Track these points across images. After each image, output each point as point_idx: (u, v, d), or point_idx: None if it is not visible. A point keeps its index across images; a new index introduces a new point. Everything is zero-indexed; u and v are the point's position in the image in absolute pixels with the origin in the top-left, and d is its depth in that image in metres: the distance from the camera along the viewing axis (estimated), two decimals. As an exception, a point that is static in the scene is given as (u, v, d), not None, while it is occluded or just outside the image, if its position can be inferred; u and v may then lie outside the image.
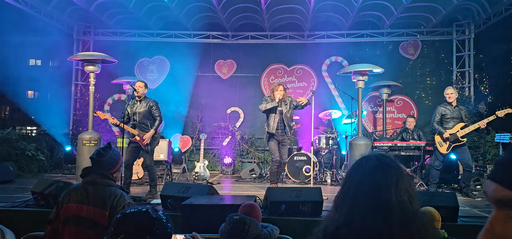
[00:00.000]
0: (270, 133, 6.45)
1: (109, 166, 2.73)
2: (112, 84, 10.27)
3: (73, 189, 2.66)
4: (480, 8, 9.20)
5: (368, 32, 10.61)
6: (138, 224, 1.48)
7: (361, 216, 1.14)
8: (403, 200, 1.14)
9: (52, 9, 9.40)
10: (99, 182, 2.64)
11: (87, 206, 2.53)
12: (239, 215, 2.94)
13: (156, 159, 6.78)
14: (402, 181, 1.18)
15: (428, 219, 1.23)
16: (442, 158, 6.34)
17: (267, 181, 7.97)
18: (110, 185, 2.67)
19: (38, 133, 10.38)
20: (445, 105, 6.34)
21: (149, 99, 6.13)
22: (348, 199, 1.20)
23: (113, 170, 2.76)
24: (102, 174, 2.67)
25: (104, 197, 2.57)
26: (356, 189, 1.21)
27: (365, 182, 1.20)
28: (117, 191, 2.66)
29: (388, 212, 1.12)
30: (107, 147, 2.80)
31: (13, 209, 4.67)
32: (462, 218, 4.41)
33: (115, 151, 2.81)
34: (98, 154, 2.72)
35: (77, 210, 2.53)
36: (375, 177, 1.19)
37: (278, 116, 6.42)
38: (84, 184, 2.65)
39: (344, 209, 1.19)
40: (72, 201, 2.57)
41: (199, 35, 10.95)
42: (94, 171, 2.68)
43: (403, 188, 1.16)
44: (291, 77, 10.86)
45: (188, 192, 4.56)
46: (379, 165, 1.21)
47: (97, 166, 2.69)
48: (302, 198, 4.38)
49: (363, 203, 1.16)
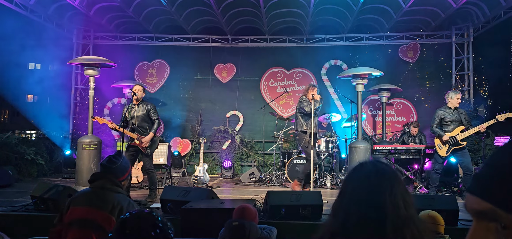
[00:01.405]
0: (311, 133, 6.38)
1: (119, 174, 2.77)
2: (112, 88, 10.28)
3: (81, 194, 2.69)
4: (479, 11, 9.23)
5: (367, 35, 10.63)
6: (145, 222, 1.51)
7: (355, 222, 1.14)
8: (398, 206, 1.14)
9: (52, 13, 9.41)
10: (109, 188, 2.66)
11: (95, 209, 2.53)
12: (238, 220, 2.90)
13: (155, 163, 6.77)
14: (397, 187, 1.17)
15: (425, 226, 1.22)
16: (442, 161, 6.34)
17: (267, 184, 7.97)
18: (118, 192, 2.69)
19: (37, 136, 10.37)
20: (444, 109, 6.36)
21: (147, 103, 6.14)
22: (343, 206, 1.21)
23: (122, 178, 2.79)
24: (111, 180, 2.69)
25: (113, 202, 2.57)
26: (351, 195, 1.21)
27: (359, 188, 1.20)
28: (125, 199, 2.68)
29: (383, 218, 1.12)
30: (117, 155, 2.83)
31: (12, 213, 4.65)
32: (463, 222, 4.40)
33: (125, 159, 2.86)
34: (110, 161, 2.76)
35: (84, 213, 2.53)
36: (369, 183, 1.19)
37: (315, 118, 6.47)
38: (92, 189, 2.67)
39: (340, 216, 1.20)
40: (79, 204, 2.57)
41: (199, 39, 10.96)
42: (104, 177, 2.70)
43: (398, 194, 1.16)
44: (290, 81, 10.87)
45: (187, 196, 4.55)
46: (374, 171, 1.21)
47: (108, 172, 2.71)
48: (302, 201, 4.38)
49: (357, 209, 1.15)
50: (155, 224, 1.51)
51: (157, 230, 1.49)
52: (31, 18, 9.06)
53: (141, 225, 1.49)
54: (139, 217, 1.53)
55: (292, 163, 7.79)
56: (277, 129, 8.74)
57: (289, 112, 10.62)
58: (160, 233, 1.50)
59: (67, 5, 9.07)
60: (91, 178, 2.75)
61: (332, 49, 10.75)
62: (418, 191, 6.73)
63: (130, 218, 1.53)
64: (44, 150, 9.45)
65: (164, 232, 1.52)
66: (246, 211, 3.03)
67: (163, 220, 1.56)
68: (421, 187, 6.86)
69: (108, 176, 2.70)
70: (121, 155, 2.85)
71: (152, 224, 1.50)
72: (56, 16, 9.69)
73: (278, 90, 10.76)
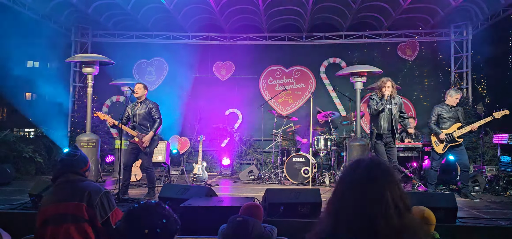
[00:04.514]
0: (379, 133, 5.93)
1: (82, 164, 2.75)
2: (110, 86, 10.24)
3: (48, 193, 2.68)
4: (478, 9, 9.22)
5: (366, 33, 10.62)
6: (153, 212, 1.55)
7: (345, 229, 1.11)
8: (390, 216, 1.10)
9: (50, 11, 9.38)
10: (75, 179, 2.64)
11: (64, 202, 2.51)
12: (242, 217, 2.93)
13: (154, 161, 6.76)
14: (389, 194, 1.13)
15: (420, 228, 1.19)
16: (439, 158, 6.35)
17: (266, 182, 7.97)
18: (86, 180, 2.70)
19: (35, 134, 10.35)
20: (442, 105, 6.37)
21: (149, 102, 6.13)
22: (335, 207, 1.18)
23: (85, 168, 2.78)
24: (74, 172, 2.68)
25: (79, 190, 2.56)
26: (341, 201, 1.18)
27: (351, 193, 1.16)
28: (90, 184, 2.66)
29: (372, 228, 1.09)
30: (75, 148, 2.82)
31: (10, 211, 4.65)
32: (461, 219, 4.41)
33: (82, 152, 2.84)
34: (69, 154, 2.75)
35: (54, 209, 2.51)
36: (361, 191, 1.15)
37: (388, 115, 5.93)
38: (58, 185, 2.65)
39: (332, 217, 1.17)
40: (47, 203, 2.56)
41: (198, 36, 10.94)
42: (66, 171, 2.67)
43: (390, 203, 1.12)
44: (289, 79, 10.87)
45: (186, 194, 4.55)
46: (367, 176, 1.17)
47: (69, 166, 2.69)
48: (301, 199, 4.38)
49: (348, 215, 1.13)
50: (163, 214, 1.55)
51: (163, 220, 1.53)
52: (29, 16, 9.02)
53: (148, 215, 1.53)
54: (147, 207, 1.57)
55: (291, 160, 7.79)
56: (276, 127, 8.74)
57: (288, 110, 10.62)
58: (167, 223, 1.54)
59: (65, 2, 9.04)
60: (54, 176, 2.73)
61: (331, 47, 10.75)
62: (416, 189, 6.75)
63: (138, 208, 1.57)
64: (42, 148, 9.42)
65: (171, 222, 1.56)
66: (254, 209, 3.09)
67: (170, 211, 1.60)
68: (419, 184, 6.87)
69: (70, 169, 2.68)
70: (78, 148, 2.83)
71: (159, 214, 1.54)
72: (54, 14, 9.65)
73: (277, 88, 10.76)
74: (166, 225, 1.53)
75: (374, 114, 5.99)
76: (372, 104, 5.96)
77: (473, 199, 6.03)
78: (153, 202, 1.62)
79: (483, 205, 5.61)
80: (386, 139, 5.99)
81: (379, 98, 5.96)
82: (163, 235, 1.51)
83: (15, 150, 8.67)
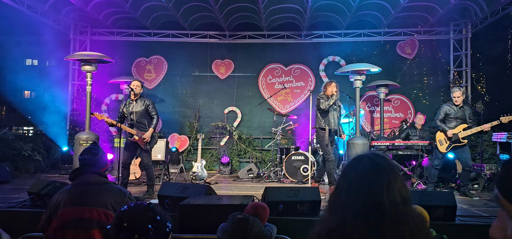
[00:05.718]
0: (330, 129, 6.21)
1: (103, 164, 2.64)
2: (109, 84, 10.24)
3: (67, 193, 2.49)
4: (477, 7, 9.22)
5: (365, 31, 10.61)
6: (142, 216, 1.49)
7: (352, 218, 1.13)
8: (395, 202, 1.13)
9: (49, 9, 9.35)
10: (97, 182, 2.52)
11: (88, 207, 2.39)
12: (243, 215, 2.94)
13: (153, 159, 6.76)
14: (394, 182, 1.16)
15: (422, 220, 1.21)
16: (441, 157, 6.33)
17: (265, 180, 7.98)
18: (106, 183, 2.56)
19: (34, 133, 10.32)
20: (450, 105, 6.30)
21: (145, 98, 6.12)
22: (340, 201, 1.20)
23: (105, 168, 2.67)
24: (97, 172, 2.56)
25: (105, 195, 2.44)
26: (348, 191, 1.19)
27: (356, 184, 1.19)
28: (115, 188, 2.56)
29: (380, 214, 1.11)
30: (95, 145, 2.69)
31: (9, 209, 4.64)
32: (460, 218, 4.41)
33: (103, 151, 2.71)
34: (90, 153, 2.60)
35: (78, 212, 2.39)
36: (367, 179, 1.18)
37: (337, 113, 6.32)
38: (79, 186, 2.51)
39: (337, 211, 1.19)
40: (69, 204, 2.42)
41: (197, 35, 10.92)
42: (88, 171, 2.54)
43: (396, 189, 1.15)
44: (288, 77, 10.86)
45: (185, 192, 4.55)
46: (371, 166, 1.20)
47: (91, 165, 2.56)
48: (300, 197, 4.38)
49: (355, 205, 1.15)
50: (152, 218, 1.49)
51: (154, 223, 1.48)
52: (27, 14, 8.99)
53: (138, 219, 1.47)
54: (136, 210, 1.51)
55: (290, 159, 7.79)
56: (275, 125, 8.74)
57: (287, 109, 10.61)
58: (157, 226, 1.48)
59: (64, 0, 9.01)
60: (72, 174, 2.58)
61: (330, 45, 10.74)
62: (415, 187, 6.75)
63: (127, 211, 1.51)
64: (41, 146, 9.41)
65: (162, 225, 1.50)
66: (260, 208, 3.09)
67: (161, 213, 1.54)
68: (418, 183, 6.87)
69: (92, 169, 2.55)
70: (98, 145, 2.71)
71: (149, 217, 1.48)
72: (53, 12, 9.62)
73: (276, 86, 10.75)
74: (156, 228, 1.47)
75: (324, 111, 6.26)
76: (321, 103, 6.25)
77: (472, 197, 6.03)
78: (144, 204, 1.55)
79: (482, 204, 5.62)
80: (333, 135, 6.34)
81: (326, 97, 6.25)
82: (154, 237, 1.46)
83: (14, 148, 8.66)
